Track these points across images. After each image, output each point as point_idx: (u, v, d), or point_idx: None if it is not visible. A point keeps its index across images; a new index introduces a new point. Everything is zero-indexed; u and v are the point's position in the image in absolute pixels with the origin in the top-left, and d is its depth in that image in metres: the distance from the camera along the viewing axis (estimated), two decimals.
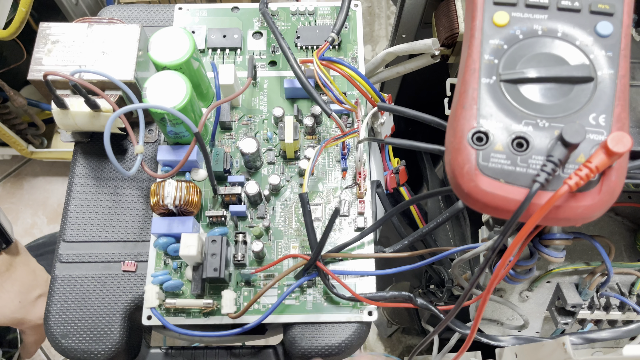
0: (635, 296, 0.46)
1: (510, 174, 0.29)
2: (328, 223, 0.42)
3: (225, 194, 0.47)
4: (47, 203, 1.09)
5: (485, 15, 0.32)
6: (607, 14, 0.32)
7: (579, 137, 0.27)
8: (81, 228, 0.48)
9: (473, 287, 0.33)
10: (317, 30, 0.55)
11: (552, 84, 0.31)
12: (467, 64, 0.32)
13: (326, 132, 0.51)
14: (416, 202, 0.56)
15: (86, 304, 0.46)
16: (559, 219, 0.29)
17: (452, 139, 0.31)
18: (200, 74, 0.48)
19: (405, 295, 0.45)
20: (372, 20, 1.24)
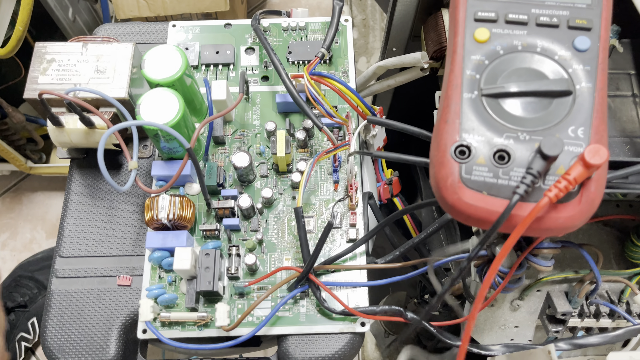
0: (624, 304, 0.46)
1: (493, 187, 0.30)
2: (321, 236, 0.43)
3: (219, 207, 0.48)
4: (45, 218, 1.09)
5: (466, 32, 0.33)
6: (584, 29, 0.32)
7: (557, 150, 0.28)
8: (77, 243, 0.49)
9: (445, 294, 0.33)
10: (309, 45, 0.56)
11: (532, 98, 0.31)
12: (449, 79, 0.33)
13: (318, 146, 0.52)
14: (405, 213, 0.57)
15: (82, 318, 0.46)
16: (541, 229, 0.30)
17: (436, 153, 0.32)
18: (193, 90, 0.49)
19: (396, 310, 0.46)
20: (366, 32, 1.26)
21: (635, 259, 0.45)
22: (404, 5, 0.55)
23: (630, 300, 0.46)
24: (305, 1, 1.32)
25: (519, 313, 0.48)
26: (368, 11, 1.29)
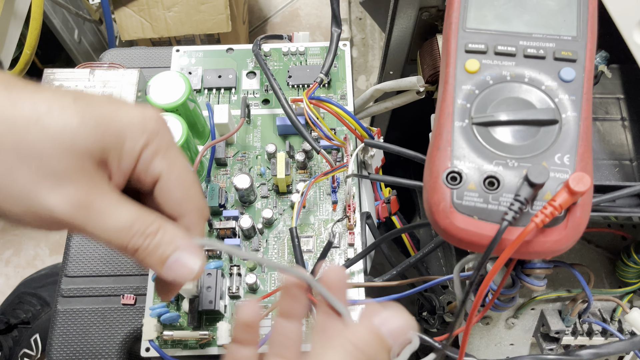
0: (616, 322, 0.47)
1: (483, 211, 0.31)
2: (320, 255, 0.44)
3: (220, 228, 0.49)
4: (49, 235, 1.11)
5: (457, 63, 0.35)
6: (570, 61, 0.34)
7: (542, 178, 0.29)
8: (82, 263, 0.50)
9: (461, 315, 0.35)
10: (308, 69, 0.57)
11: (520, 126, 0.33)
12: (442, 108, 0.34)
13: (317, 167, 0.54)
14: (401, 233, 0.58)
15: (87, 337, 0.47)
16: (529, 252, 0.31)
17: (429, 179, 0.33)
18: (196, 114, 0.51)
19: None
20: (366, 52, 1.28)
21: (626, 278, 0.46)
22: (401, 31, 0.57)
23: (622, 319, 0.47)
24: (306, 21, 1.34)
25: (514, 331, 0.49)
26: (367, 30, 1.31)
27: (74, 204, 0.26)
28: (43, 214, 0.26)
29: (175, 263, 0.28)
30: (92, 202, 0.26)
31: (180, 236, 0.29)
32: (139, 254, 0.28)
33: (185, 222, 0.30)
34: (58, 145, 0.26)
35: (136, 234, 0.27)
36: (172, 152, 0.30)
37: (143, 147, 0.29)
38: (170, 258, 0.28)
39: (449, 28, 0.36)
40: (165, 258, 0.28)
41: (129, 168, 0.29)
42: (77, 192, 0.26)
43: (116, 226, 0.27)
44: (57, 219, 0.26)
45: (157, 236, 0.28)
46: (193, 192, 0.31)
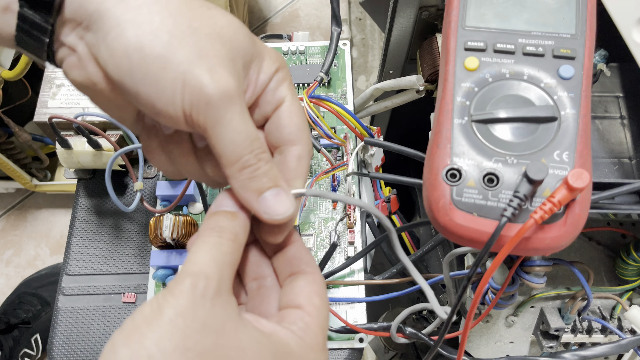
0: (616, 319, 0.47)
1: (482, 208, 0.31)
2: (324, 257, 0.44)
3: None
4: (50, 235, 1.11)
5: (457, 61, 0.35)
6: (568, 58, 0.34)
7: (541, 175, 0.29)
8: (83, 261, 0.50)
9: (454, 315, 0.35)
10: (308, 68, 0.58)
11: (519, 124, 0.33)
12: (441, 106, 0.35)
13: (317, 165, 0.54)
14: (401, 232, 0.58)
15: (88, 335, 0.48)
16: (528, 249, 0.31)
17: (429, 176, 0.33)
18: None
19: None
20: (365, 52, 1.28)
21: (625, 276, 0.46)
22: (400, 30, 0.57)
23: (622, 317, 0.47)
24: (306, 21, 1.34)
25: (514, 329, 0.49)
26: (367, 31, 1.32)
27: (224, 89, 0.26)
28: (193, 89, 0.25)
29: (274, 198, 0.28)
30: (237, 96, 0.26)
31: (280, 177, 0.28)
32: (245, 173, 0.27)
33: (300, 149, 0.30)
34: (224, 33, 0.27)
35: (255, 150, 0.27)
36: (292, 84, 0.31)
37: (276, 70, 0.30)
38: (269, 190, 0.27)
39: (449, 26, 0.36)
40: (265, 189, 0.27)
41: (263, 84, 0.29)
42: (229, 80, 0.26)
43: (244, 130, 0.26)
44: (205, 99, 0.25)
45: (267, 166, 0.28)
46: (307, 124, 0.31)
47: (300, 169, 0.30)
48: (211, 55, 0.26)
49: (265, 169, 0.27)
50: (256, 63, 0.29)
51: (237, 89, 0.26)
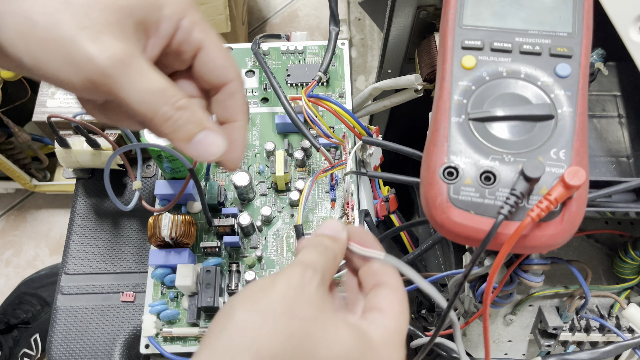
0: (614, 318, 0.47)
1: (479, 206, 0.31)
2: None
3: (219, 225, 0.49)
4: (49, 235, 1.11)
5: (454, 59, 0.35)
6: (565, 57, 0.34)
7: (538, 172, 0.29)
8: (82, 261, 0.50)
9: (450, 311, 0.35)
10: (306, 68, 0.58)
11: (516, 122, 0.33)
12: (438, 104, 0.35)
13: (316, 165, 0.54)
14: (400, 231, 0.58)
15: (87, 333, 0.48)
16: (526, 246, 0.31)
17: (426, 174, 0.33)
18: None
19: None
20: (365, 52, 1.28)
21: (623, 274, 0.46)
22: (399, 30, 0.57)
23: (620, 315, 0.47)
24: (305, 22, 1.35)
25: (512, 328, 0.49)
26: (366, 31, 1.32)
27: (112, 57, 0.26)
28: (82, 63, 0.26)
29: (203, 141, 0.29)
30: (130, 58, 0.26)
31: (206, 117, 0.29)
32: (168, 125, 0.28)
33: (231, 88, 0.31)
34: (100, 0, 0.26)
35: (169, 101, 0.28)
36: (207, 24, 0.31)
37: (181, 16, 0.29)
38: (197, 135, 0.29)
39: (446, 25, 0.37)
40: (193, 135, 0.29)
41: (167, 34, 0.29)
42: (116, 45, 0.26)
43: (150, 88, 0.27)
44: (96, 70, 0.26)
45: (188, 112, 0.28)
46: (232, 59, 0.32)
47: (235, 105, 0.32)
48: (92, 23, 0.26)
49: (187, 116, 0.28)
50: (153, 14, 0.29)
51: (127, 51, 0.26)
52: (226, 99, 0.32)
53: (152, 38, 0.29)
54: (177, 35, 0.30)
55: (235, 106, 0.32)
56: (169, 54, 0.31)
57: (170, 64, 0.31)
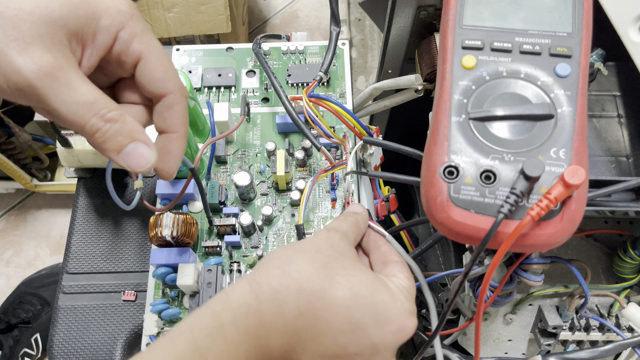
0: (614, 317, 0.48)
1: (480, 205, 0.32)
2: None
3: (220, 225, 0.49)
4: (50, 235, 1.11)
5: (454, 59, 0.35)
6: (565, 56, 0.34)
7: (538, 171, 0.30)
8: (83, 260, 0.51)
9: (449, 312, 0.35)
10: (307, 68, 0.58)
11: (516, 121, 0.33)
12: (439, 104, 0.35)
13: (316, 164, 0.54)
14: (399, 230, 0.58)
15: (88, 333, 0.48)
16: (525, 245, 0.31)
17: (426, 173, 0.33)
18: (196, 112, 0.51)
19: None
20: (365, 52, 1.29)
21: (622, 273, 0.47)
22: (399, 30, 0.57)
23: (619, 314, 0.47)
24: (305, 22, 1.35)
25: (512, 327, 0.49)
26: (366, 31, 1.32)
27: (40, 68, 0.27)
28: (11, 74, 0.27)
29: (132, 152, 0.30)
30: (57, 70, 0.27)
31: (138, 129, 0.30)
32: (98, 137, 0.29)
33: (170, 100, 0.32)
34: (32, 10, 0.27)
35: (97, 114, 0.29)
36: (149, 35, 0.31)
37: (119, 27, 0.30)
38: (127, 147, 0.30)
39: (446, 25, 0.37)
40: (122, 146, 0.30)
41: (104, 45, 0.30)
42: (44, 57, 0.27)
43: (77, 100, 0.28)
44: (23, 81, 0.27)
45: (118, 124, 0.29)
46: (173, 70, 0.33)
47: (172, 116, 0.33)
48: (22, 35, 0.27)
49: (117, 128, 0.29)
50: (89, 26, 0.29)
51: (54, 64, 0.27)
52: (164, 110, 0.32)
53: (89, 48, 0.30)
54: (116, 45, 0.30)
55: (172, 118, 0.33)
56: (111, 63, 0.31)
57: (114, 71, 0.32)
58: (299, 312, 0.29)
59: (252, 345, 0.28)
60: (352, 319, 0.30)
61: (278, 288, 0.29)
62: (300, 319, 0.29)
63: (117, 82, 0.34)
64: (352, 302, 0.30)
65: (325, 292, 0.30)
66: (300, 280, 0.30)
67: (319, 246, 0.32)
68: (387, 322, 0.31)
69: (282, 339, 0.29)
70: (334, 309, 0.29)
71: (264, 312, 0.28)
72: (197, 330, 0.27)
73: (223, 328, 0.28)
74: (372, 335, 0.30)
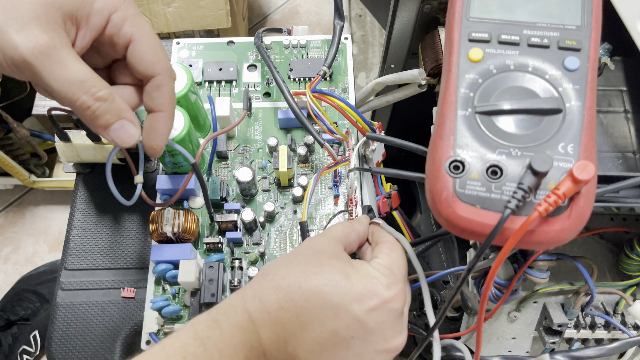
0: (619, 315, 0.47)
1: (486, 200, 0.31)
2: None
3: (222, 221, 0.49)
4: (48, 231, 1.10)
5: (461, 52, 0.35)
6: (574, 50, 0.34)
7: (546, 166, 0.29)
8: (82, 256, 0.50)
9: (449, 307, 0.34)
10: (309, 62, 0.57)
11: (523, 116, 0.33)
12: (444, 97, 0.34)
13: (318, 161, 0.54)
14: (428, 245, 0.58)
15: (87, 330, 0.47)
16: (532, 242, 0.31)
17: (431, 168, 0.33)
18: (197, 107, 0.51)
19: None
20: (366, 48, 1.28)
21: (629, 271, 0.46)
22: (402, 24, 0.57)
23: (625, 312, 0.47)
24: (306, 17, 1.34)
25: (516, 324, 0.49)
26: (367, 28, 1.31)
27: (36, 46, 0.29)
28: (8, 50, 0.29)
29: (119, 130, 0.33)
30: (52, 48, 0.30)
31: (125, 108, 0.33)
32: (88, 113, 0.32)
33: (158, 80, 0.35)
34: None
35: (87, 92, 0.31)
36: (139, 19, 0.34)
37: (112, 10, 0.33)
38: (114, 124, 0.33)
39: (452, 17, 0.36)
40: (110, 123, 0.33)
41: (97, 26, 0.32)
42: (40, 36, 0.29)
43: (70, 78, 0.30)
44: (20, 58, 0.29)
45: (107, 103, 0.32)
46: (162, 53, 0.35)
47: (160, 96, 0.35)
48: (20, 15, 0.29)
49: (106, 107, 0.32)
50: (83, 8, 0.32)
51: (49, 43, 0.29)
52: (153, 90, 0.35)
53: (82, 29, 0.32)
54: (108, 28, 0.33)
55: (160, 97, 0.35)
56: (104, 44, 0.34)
57: (107, 52, 0.35)
58: (280, 306, 0.31)
59: (245, 336, 0.30)
60: (332, 302, 0.31)
61: (259, 289, 0.32)
62: (282, 312, 0.31)
63: (112, 64, 0.37)
64: (329, 287, 0.32)
65: (300, 284, 0.32)
66: (277, 279, 0.32)
67: (298, 250, 0.35)
68: (368, 298, 0.32)
69: (271, 332, 0.31)
70: (312, 297, 0.31)
71: (250, 309, 0.31)
72: (197, 324, 0.31)
73: (219, 322, 0.31)
74: (357, 314, 0.31)
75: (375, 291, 0.33)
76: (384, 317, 0.32)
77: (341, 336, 0.31)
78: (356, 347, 0.32)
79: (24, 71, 0.30)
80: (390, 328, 0.33)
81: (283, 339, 0.31)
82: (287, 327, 0.31)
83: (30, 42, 0.29)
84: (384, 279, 0.34)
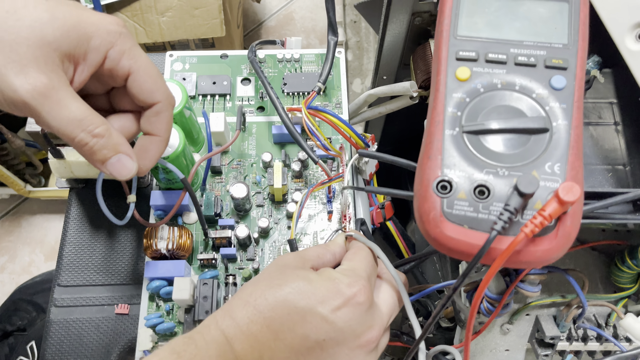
0: (611, 327, 0.47)
1: (473, 220, 0.31)
2: None
3: (216, 237, 0.49)
4: (44, 241, 1.10)
5: (448, 71, 0.35)
6: (560, 69, 0.34)
7: (532, 188, 0.29)
8: (75, 272, 0.50)
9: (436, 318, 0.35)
10: (303, 77, 0.57)
11: (511, 135, 0.33)
12: (432, 116, 0.34)
13: (312, 176, 0.54)
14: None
15: (80, 347, 0.47)
16: (519, 262, 0.31)
17: (419, 187, 0.33)
18: (192, 122, 0.51)
19: (392, 332, 0.47)
20: (360, 55, 1.28)
21: (620, 283, 0.46)
22: (394, 36, 0.57)
23: (617, 324, 0.47)
24: (301, 24, 1.34)
25: (509, 337, 0.49)
26: (362, 34, 1.31)
27: (35, 88, 0.30)
28: (8, 92, 0.30)
29: (116, 164, 0.35)
30: (50, 90, 0.31)
31: (122, 142, 0.35)
32: (86, 149, 0.33)
33: (157, 108, 0.36)
34: (29, 35, 0.30)
35: (85, 130, 0.32)
36: (136, 51, 0.35)
37: (109, 46, 0.34)
38: (112, 159, 0.34)
39: (440, 35, 0.36)
40: (107, 158, 0.34)
41: (95, 63, 0.34)
42: (38, 78, 0.30)
43: (68, 117, 0.32)
44: (19, 99, 0.30)
45: (104, 139, 0.33)
46: (161, 81, 0.36)
47: (158, 122, 0.37)
48: (19, 58, 0.30)
49: (103, 143, 0.33)
50: (80, 47, 0.33)
51: (48, 84, 0.31)
52: (152, 115, 0.37)
53: (80, 66, 0.33)
54: (106, 63, 0.34)
55: (158, 123, 0.37)
56: (103, 76, 0.35)
57: (107, 82, 0.36)
58: (249, 320, 0.32)
59: (220, 348, 0.32)
60: (297, 307, 0.32)
61: (228, 308, 0.33)
62: (252, 324, 0.32)
63: (111, 90, 0.38)
64: (293, 295, 0.33)
65: (266, 296, 0.33)
66: (244, 296, 0.33)
67: (268, 269, 0.36)
68: (331, 298, 0.33)
69: (244, 344, 0.32)
70: (277, 306, 0.32)
71: (222, 326, 0.33)
72: (173, 342, 0.33)
73: (194, 339, 0.32)
74: (324, 315, 0.32)
75: (338, 290, 0.33)
76: (351, 314, 0.33)
77: (312, 339, 0.32)
78: (329, 347, 0.33)
79: (23, 111, 0.31)
80: (359, 324, 0.33)
81: (257, 351, 0.32)
82: (260, 339, 0.32)
83: (29, 85, 0.30)
84: (345, 278, 0.34)
